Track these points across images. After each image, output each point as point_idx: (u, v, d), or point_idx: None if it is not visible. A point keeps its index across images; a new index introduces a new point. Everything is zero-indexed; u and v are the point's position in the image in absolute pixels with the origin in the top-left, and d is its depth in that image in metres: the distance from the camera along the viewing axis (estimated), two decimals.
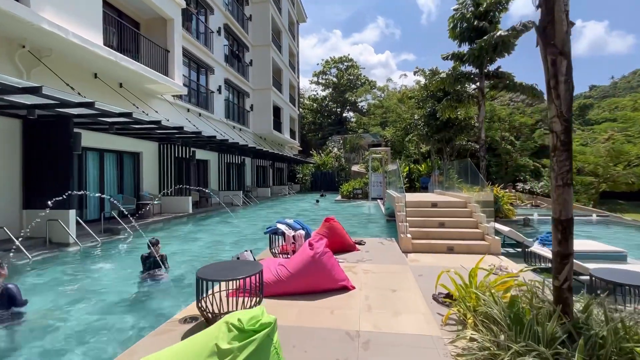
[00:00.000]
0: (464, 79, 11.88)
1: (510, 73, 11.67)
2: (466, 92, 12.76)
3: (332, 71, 52.62)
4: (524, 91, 11.25)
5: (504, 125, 26.58)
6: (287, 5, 29.50)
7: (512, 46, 10.98)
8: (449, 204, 8.02)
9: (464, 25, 11.61)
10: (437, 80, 12.24)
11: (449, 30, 12.19)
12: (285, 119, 28.30)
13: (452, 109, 12.83)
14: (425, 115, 17.55)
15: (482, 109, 11.66)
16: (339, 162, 33.30)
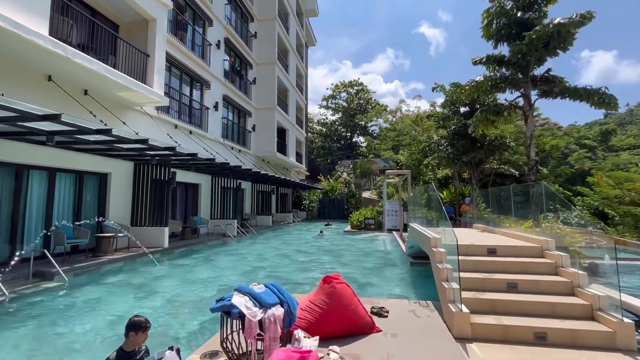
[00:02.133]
0: (505, 84, 9.56)
1: (561, 77, 9.32)
2: (507, 101, 10.41)
3: (342, 95, 51.61)
4: (588, 97, 8.78)
5: None
6: (296, 27, 28.57)
7: (571, 39, 8.64)
8: (514, 250, 5.42)
9: (502, 22, 9.47)
10: (470, 87, 9.95)
11: (483, 28, 10.06)
12: (291, 142, 26.39)
13: (488, 122, 10.44)
14: (449, 134, 15.18)
15: (530, 121, 9.25)
16: (348, 188, 30.87)
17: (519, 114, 10.94)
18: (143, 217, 10.95)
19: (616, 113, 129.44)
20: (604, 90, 8.42)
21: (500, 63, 9.80)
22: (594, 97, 8.52)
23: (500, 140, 14.02)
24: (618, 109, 8.85)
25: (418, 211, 11.75)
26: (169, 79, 13.50)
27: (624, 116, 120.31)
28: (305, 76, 33.11)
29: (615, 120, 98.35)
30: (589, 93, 8.60)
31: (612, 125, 70.25)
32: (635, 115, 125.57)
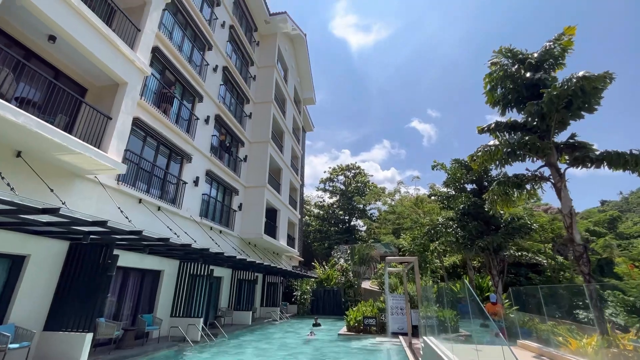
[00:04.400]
0: (525, 150, 7.98)
1: (589, 143, 7.78)
2: (529, 171, 8.70)
3: (339, 178, 51.59)
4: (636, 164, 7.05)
5: (547, 235, 21.61)
6: (293, 111, 29.47)
7: (598, 97, 7.32)
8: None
9: (508, 85, 8.46)
10: (483, 153, 8.35)
11: (486, 94, 9.05)
12: (282, 223, 24.26)
13: (506, 198, 8.55)
14: (458, 215, 13.17)
15: (564, 194, 7.35)
16: (346, 277, 27.36)
17: (536, 189, 9.18)
18: (63, 317, 8.13)
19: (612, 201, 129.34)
20: None
21: (513, 129, 8.46)
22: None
23: (519, 221, 11.98)
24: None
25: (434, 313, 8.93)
26: (141, 149, 12.20)
27: (620, 204, 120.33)
28: (301, 158, 32.94)
29: (612, 207, 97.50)
30: (637, 159, 6.93)
31: (616, 212, 68.85)
32: (631, 203, 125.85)
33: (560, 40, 8.09)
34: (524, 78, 8.16)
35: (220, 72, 18.53)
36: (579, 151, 7.83)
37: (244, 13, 22.85)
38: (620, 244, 35.18)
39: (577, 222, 7.32)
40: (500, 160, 8.43)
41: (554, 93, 7.05)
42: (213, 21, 18.07)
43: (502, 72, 8.53)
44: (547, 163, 8.04)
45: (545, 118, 7.61)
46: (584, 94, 7.12)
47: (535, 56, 8.36)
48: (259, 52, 25.12)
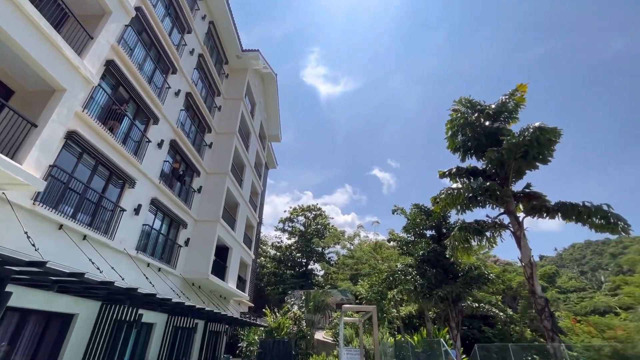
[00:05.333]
0: (485, 196, 7.97)
1: (542, 193, 8.03)
2: (489, 217, 8.68)
3: (299, 219, 50.46)
4: (589, 216, 7.25)
5: (498, 286, 22.01)
6: (257, 146, 28.93)
7: (551, 149, 7.67)
8: None
9: (468, 133, 8.73)
10: (446, 196, 8.22)
11: (447, 139, 9.26)
12: (234, 264, 22.34)
13: (466, 244, 8.34)
14: (417, 262, 12.79)
15: (524, 244, 7.28)
16: (298, 326, 25.25)
17: (495, 237, 9.16)
18: None
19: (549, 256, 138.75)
20: (607, 209, 7.01)
21: (473, 175, 8.56)
22: (595, 217, 7.02)
23: (476, 271, 11.86)
24: (629, 233, 7.33)
25: None
26: (74, 167, 10.64)
27: (556, 260, 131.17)
28: (261, 194, 31.81)
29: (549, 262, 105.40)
30: (590, 212, 7.14)
31: (554, 267, 74.09)
32: (564, 259, 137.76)
33: (514, 96, 8.71)
34: (483, 126, 8.48)
35: (183, 97, 17.76)
36: (535, 200, 8.00)
37: (216, 45, 22.90)
38: (560, 298, 37.13)
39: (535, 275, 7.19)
40: (462, 204, 8.37)
41: (513, 141, 7.31)
42: (182, 47, 17.67)
43: (462, 119, 8.85)
44: (506, 211, 8.09)
45: (504, 165, 7.80)
46: (539, 145, 7.46)
47: (493, 107, 8.86)
48: (228, 84, 24.93)
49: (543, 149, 7.60)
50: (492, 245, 8.75)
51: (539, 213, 7.88)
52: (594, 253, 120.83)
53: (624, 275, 52.82)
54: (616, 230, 7.18)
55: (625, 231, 7.22)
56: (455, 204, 8.34)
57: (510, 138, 7.41)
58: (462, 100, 9.28)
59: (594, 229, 7.33)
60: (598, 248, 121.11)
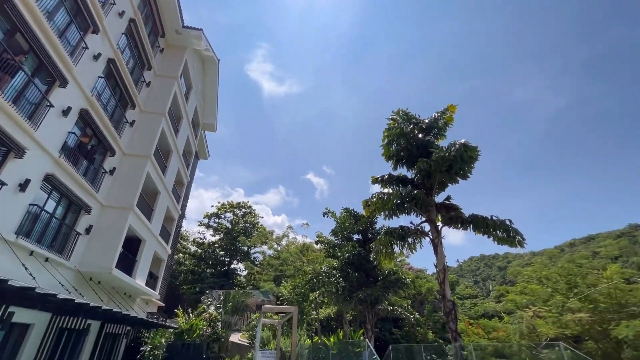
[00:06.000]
0: (412, 204, 8.48)
1: (459, 206, 8.97)
2: (412, 224, 9.26)
3: (227, 215, 48.11)
4: (494, 229, 8.22)
5: (411, 291, 23.89)
6: (188, 132, 26.72)
7: (471, 166, 8.58)
8: None
9: (402, 143, 9.26)
10: (377, 199, 8.51)
11: (383, 147, 9.70)
12: (146, 258, 20.07)
13: (390, 249, 8.75)
14: (342, 264, 13.04)
15: (440, 251, 7.92)
16: (213, 328, 23.75)
17: (416, 243, 9.82)
18: None
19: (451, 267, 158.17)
20: (509, 224, 8.04)
21: (403, 183, 9.06)
22: (499, 230, 7.97)
23: (394, 275, 12.60)
24: (524, 246, 8.51)
25: None
26: None
27: (456, 270, 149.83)
28: (187, 185, 29.41)
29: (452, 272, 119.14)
30: (495, 225, 8.08)
31: (455, 276, 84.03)
32: (464, 269, 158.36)
33: (444, 114, 9.55)
34: (416, 138, 9.09)
35: (104, 63, 15.43)
36: (453, 211, 8.78)
37: (153, 14, 20.58)
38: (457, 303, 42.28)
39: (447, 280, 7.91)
40: (390, 209, 8.78)
41: (441, 154, 7.94)
42: (109, 5, 15.38)
43: (398, 129, 9.36)
44: (427, 219, 8.74)
45: (431, 177, 8.44)
46: (462, 161, 8.25)
47: (426, 122, 9.58)
48: (162, 59, 22.57)
49: (465, 165, 8.49)
50: (412, 251, 9.41)
51: (455, 223, 8.75)
52: (486, 265, 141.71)
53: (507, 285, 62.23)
54: (514, 243, 8.34)
55: (521, 244, 8.45)
56: (384, 209, 8.75)
57: (439, 152, 8.10)
58: (399, 111, 9.85)
59: (497, 241, 8.38)
60: (489, 261, 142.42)
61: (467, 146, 8.25)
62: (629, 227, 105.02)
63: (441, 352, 20.74)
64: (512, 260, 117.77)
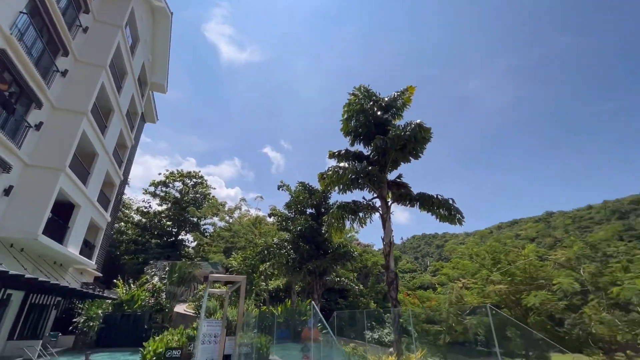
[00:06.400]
0: (366, 180, 8.73)
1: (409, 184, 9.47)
2: (365, 199, 9.58)
3: (176, 184, 45.61)
4: (439, 206, 8.82)
5: (358, 264, 25.19)
6: (133, 91, 24.25)
7: (423, 147, 8.99)
8: None
9: (361, 119, 9.36)
10: (333, 173, 8.60)
11: (342, 122, 9.69)
12: (80, 225, 18.41)
13: (341, 223, 9.03)
14: (294, 237, 13.20)
15: (387, 226, 8.36)
16: (156, 298, 22.99)
17: (366, 218, 10.23)
18: None
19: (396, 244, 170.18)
20: (451, 203, 8.69)
21: (359, 159, 9.24)
22: (442, 208, 8.59)
23: (344, 249, 13.13)
24: (462, 224, 9.27)
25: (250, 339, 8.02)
26: None
27: (400, 247, 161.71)
28: (131, 149, 27.07)
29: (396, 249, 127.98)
30: (440, 203, 8.67)
31: (398, 252, 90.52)
32: (406, 246, 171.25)
33: (403, 95, 9.78)
34: (375, 115, 9.24)
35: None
36: (404, 189, 9.22)
37: None
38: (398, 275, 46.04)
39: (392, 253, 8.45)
40: (345, 184, 8.96)
41: (397, 133, 8.18)
42: None
43: (359, 105, 9.41)
44: (379, 195, 9.09)
45: (386, 154, 8.71)
46: (415, 141, 8.61)
47: (386, 100, 9.74)
48: (104, 3, 19.78)
49: (418, 145, 8.90)
50: (363, 225, 9.83)
51: (404, 200, 9.26)
52: (426, 243, 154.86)
53: (442, 261, 68.49)
54: (454, 220, 9.11)
55: (460, 222, 9.28)
56: (339, 183, 8.92)
57: (395, 130, 8.36)
58: (361, 87, 9.89)
59: (439, 218, 9.07)
60: (429, 240, 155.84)
61: (422, 127, 8.64)
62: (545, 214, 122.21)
63: (380, 320, 22.58)
64: (449, 240, 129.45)
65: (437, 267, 55.29)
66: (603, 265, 13.35)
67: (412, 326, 20.78)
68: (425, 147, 9.39)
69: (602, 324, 11.22)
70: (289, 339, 14.14)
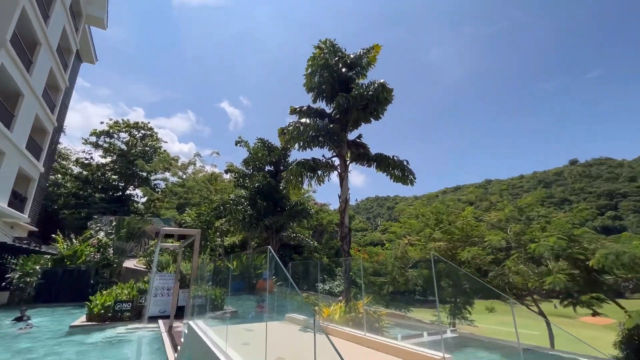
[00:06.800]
0: (326, 138, 8.72)
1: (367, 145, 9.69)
2: (324, 157, 9.65)
3: (121, 135, 41.90)
4: (394, 167, 9.20)
5: (313, 222, 26.07)
6: (65, 21, 20.83)
7: (384, 108, 9.09)
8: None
9: (324, 75, 9.10)
10: (294, 128, 8.42)
11: (306, 77, 9.36)
12: (6, 174, 16.43)
13: (300, 180, 9.09)
14: (251, 193, 13.08)
15: (345, 184, 8.61)
16: (103, 254, 21.98)
17: (324, 176, 10.43)
18: None
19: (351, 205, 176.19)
20: (405, 164, 9.11)
21: (321, 116, 9.13)
22: (397, 169, 8.98)
23: (301, 206, 13.39)
24: (414, 184, 9.84)
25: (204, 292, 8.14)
26: None
27: (354, 207, 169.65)
28: (65, 92, 23.87)
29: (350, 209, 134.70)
30: (395, 164, 9.04)
31: (352, 212, 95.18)
32: (360, 207, 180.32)
33: (369, 53, 9.61)
34: (339, 72, 9.03)
35: None
36: (362, 149, 9.42)
37: None
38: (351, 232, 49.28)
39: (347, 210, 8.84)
40: (306, 141, 8.90)
41: (360, 91, 8.13)
42: None
43: (323, 60, 9.10)
44: (338, 154, 9.21)
45: (348, 113, 8.69)
46: (377, 101, 8.66)
47: (351, 57, 9.53)
48: None
49: (379, 105, 9.00)
50: (321, 183, 10.03)
51: (362, 160, 9.53)
52: (378, 205, 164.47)
53: (392, 221, 73.48)
54: (406, 181, 9.67)
55: (412, 183, 9.89)
56: (299, 139, 8.81)
57: (359, 89, 8.30)
58: (327, 41, 9.48)
59: (394, 178, 9.55)
60: (381, 202, 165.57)
61: (385, 87, 8.68)
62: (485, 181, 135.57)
63: (332, 273, 24.17)
64: (400, 202, 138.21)
65: (387, 226, 59.31)
66: (526, 226, 15.30)
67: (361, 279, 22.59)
68: (386, 109, 9.52)
69: (517, 275, 13.12)
70: (244, 291, 14.63)
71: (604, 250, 10.22)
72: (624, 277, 11.49)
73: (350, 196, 9.29)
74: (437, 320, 6.36)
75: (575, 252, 11.14)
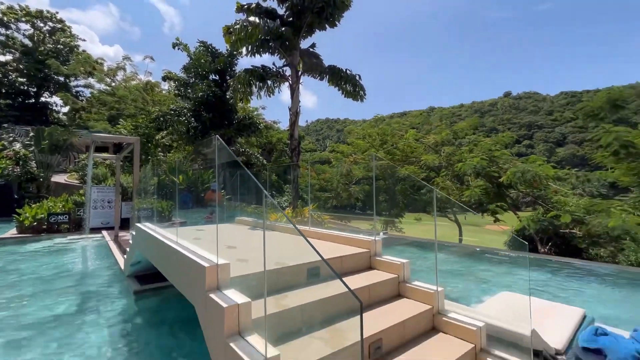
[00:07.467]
0: (277, 43, 7.97)
1: (320, 55, 9.19)
2: (275, 66, 8.97)
3: (21, 26, 33.91)
4: (346, 82, 8.99)
5: (262, 140, 25.78)
6: None
7: (341, 15, 8.40)
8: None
9: None
10: (241, 28, 7.48)
11: None
12: None
13: (248, 89, 8.54)
14: (196, 104, 12.09)
15: (295, 95, 8.30)
16: (24, 167, 19.72)
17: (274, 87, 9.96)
18: None
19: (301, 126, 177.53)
20: (358, 79, 8.99)
21: (272, 17, 8.21)
22: (349, 84, 8.88)
23: (250, 120, 12.89)
24: (364, 100, 9.92)
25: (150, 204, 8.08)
26: None
27: (304, 129, 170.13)
28: None
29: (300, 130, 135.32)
30: (347, 78, 8.88)
31: (303, 133, 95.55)
32: (310, 129, 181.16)
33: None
34: None
35: None
36: (315, 59, 8.97)
37: None
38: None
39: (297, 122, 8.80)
40: (254, 44, 8.11)
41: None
42: None
43: None
44: (290, 63, 8.68)
45: (302, 16, 7.93)
46: (334, 5, 7.98)
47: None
48: None
49: (336, 10, 8.31)
50: (270, 94, 9.54)
51: (315, 72, 9.13)
52: (328, 127, 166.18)
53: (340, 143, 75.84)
54: (357, 97, 9.70)
55: (362, 98, 9.97)
56: (248, 42, 7.92)
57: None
58: None
59: (345, 93, 9.49)
60: (331, 124, 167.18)
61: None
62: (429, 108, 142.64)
63: (280, 190, 25.16)
64: (349, 125, 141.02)
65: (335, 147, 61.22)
66: (457, 148, 17.01)
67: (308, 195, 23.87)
68: (343, 16, 8.78)
69: (443, 189, 15.07)
70: (192, 204, 14.72)
71: (514, 168, 12.01)
72: (524, 192, 13.89)
73: (301, 117, 9.15)
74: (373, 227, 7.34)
75: (492, 171, 12.91)
